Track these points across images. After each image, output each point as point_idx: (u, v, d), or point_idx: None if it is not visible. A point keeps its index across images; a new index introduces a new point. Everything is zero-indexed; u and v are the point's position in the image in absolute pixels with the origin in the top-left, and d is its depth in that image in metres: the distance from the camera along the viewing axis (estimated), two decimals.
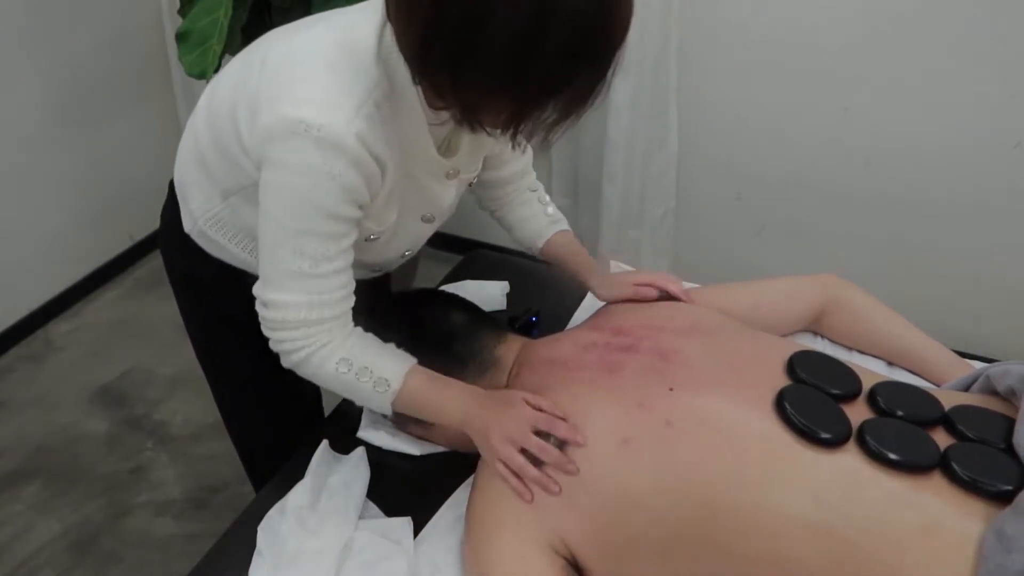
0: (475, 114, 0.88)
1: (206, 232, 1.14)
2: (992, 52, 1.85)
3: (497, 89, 0.84)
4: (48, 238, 2.48)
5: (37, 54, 2.30)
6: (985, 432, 0.96)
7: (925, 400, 1.02)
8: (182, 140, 1.19)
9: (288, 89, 0.93)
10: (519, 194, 1.34)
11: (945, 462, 0.92)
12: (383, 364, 1.06)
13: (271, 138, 0.92)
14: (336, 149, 0.91)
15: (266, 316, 1.02)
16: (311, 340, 1.01)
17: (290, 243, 0.96)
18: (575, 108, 0.86)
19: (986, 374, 1.09)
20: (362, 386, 1.05)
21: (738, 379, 1.03)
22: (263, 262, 1.01)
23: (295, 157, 0.92)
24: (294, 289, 0.98)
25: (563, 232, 1.35)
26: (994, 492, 0.89)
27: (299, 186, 0.93)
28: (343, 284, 1.02)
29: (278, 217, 0.96)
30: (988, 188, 1.99)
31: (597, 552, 0.99)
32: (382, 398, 1.06)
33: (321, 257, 0.97)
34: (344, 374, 1.04)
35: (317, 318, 1.00)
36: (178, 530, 1.90)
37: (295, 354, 1.02)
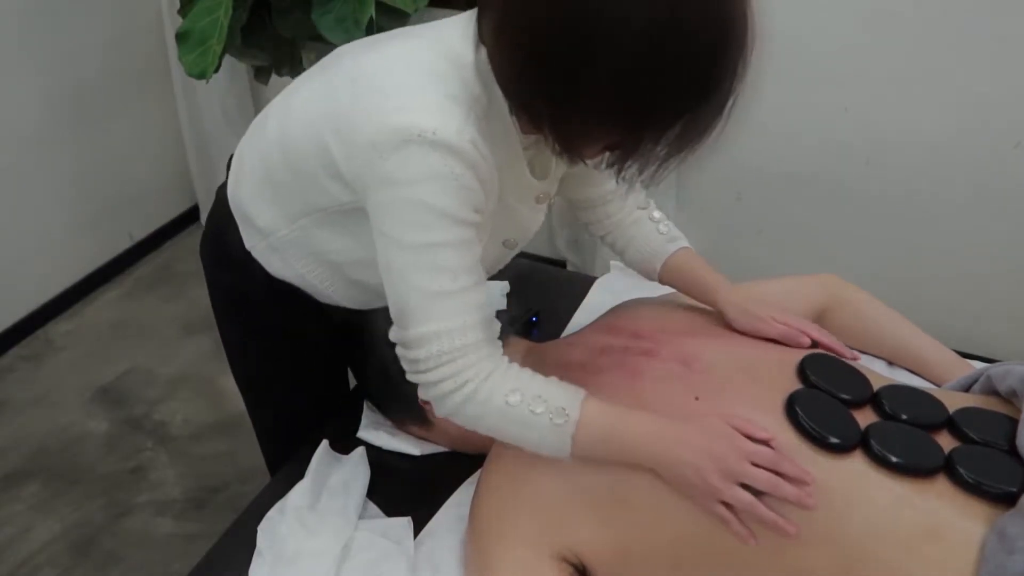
0: (576, 148, 0.84)
1: (277, 248, 1.08)
2: (992, 52, 1.85)
3: (603, 125, 0.80)
4: (48, 238, 2.48)
5: (37, 54, 2.30)
6: (989, 434, 0.96)
7: (930, 403, 1.02)
8: (240, 158, 1.12)
9: (391, 99, 0.87)
10: (626, 213, 1.22)
11: (950, 465, 0.92)
12: (554, 392, 0.93)
13: (381, 152, 0.85)
14: (453, 152, 0.85)
15: (416, 357, 0.91)
16: (473, 371, 0.90)
17: (424, 261, 0.88)
18: (689, 143, 0.81)
19: (987, 374, 1.09)
20: (537, 420, 0.91)
21: (754, 384, 1.03)
22: (397, 298, 0.91)
23: (412, 165, 0.85)
24: (440, 314, 0.89)
25: (682, 251, 1.22)
26: (998, 494, 0.89)
27: (422, 194, 0.86)
28: (484, 301, 0.93)
29: (405, 237, 0.88)
30: (988, 188, 1.99)
31: (612, 563, 0.98)
32: (560, 433, 0.91)
33: (460, 269, 0.89)
34: (515, 407, 0.91)
35: (473, 341, 0.90)
36: (178, 530, 1.90)
37: (457, 393, 0.91)
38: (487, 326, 0.93)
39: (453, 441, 1.24)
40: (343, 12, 1.83)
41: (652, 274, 1.23)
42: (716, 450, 0.90)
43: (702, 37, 0.75)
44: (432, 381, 0.91)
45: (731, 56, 0.78)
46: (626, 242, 1.23)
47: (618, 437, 0.93)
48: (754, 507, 0.88)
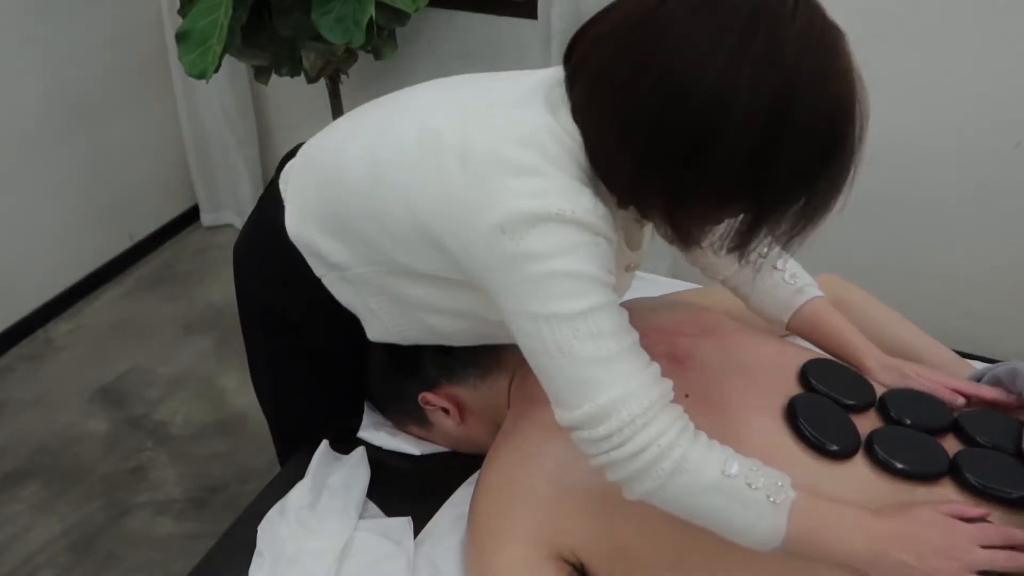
0: (692, 237, 0.82)
1: (350, 281, 1.05)
2: (992, 52, 1.85)
3: (721, 211, 0.78)
4: (48, 238, 2.48)
5: (37, 54, 2.30)
6: (995, 437, 0.96)
7: (935, 407, 1.01)
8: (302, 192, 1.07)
9: (517, 184, 0.83)
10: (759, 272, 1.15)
11: (955, 469, 0.91)
12: (763, 466, 0.85)
13: (513, 235, 0.81)
14: (588, 227, 0.82)
15: (606, 434, 0.82)
16: (673, 433, 0.82)
17: (583, 330, 0.82)
18: (808, 224, 0.80)
19: (992, 374, 1.08)
20: (754, 496, 0.82)
21: (752, 386, 1.02)
22: (559, 378, 0.85)
23: (551, 239, 0.81)
24: (614, 380, 0.82)
25: (810, 303, 1.14)
26: (1005, 498, 0.89)
27: (564, 265, 0.82)
28: (650, 359, 0.88)
29: (555, 310, 0.82)
30: (988, 188, 1.99)
31: (610, 563, 0.98)
32: (777, 514, 0.82)
33: (620, 329, 0.84)
34: (732, 479, 0.82)
35: (658, 397, 0.84)
36: (178, 530, 1.90)
37: (665, 461, 0.82)
38: (665, 384, 0.87)
39: (453, 442, 1.24)
40: (343, 12, 1.83)
41: (780, 325, 1.17)
42: (940, 542, 0.82)
43: (821, 111, 0.74)
44: (630, 454, 0.82)
45: (850, 126, 0.77)
46: (749, 290, 1.17)
47: (831, 527, 0.84)
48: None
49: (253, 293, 1.20)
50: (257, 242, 1.17)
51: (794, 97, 0.73)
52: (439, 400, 1.17)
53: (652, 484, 0.83)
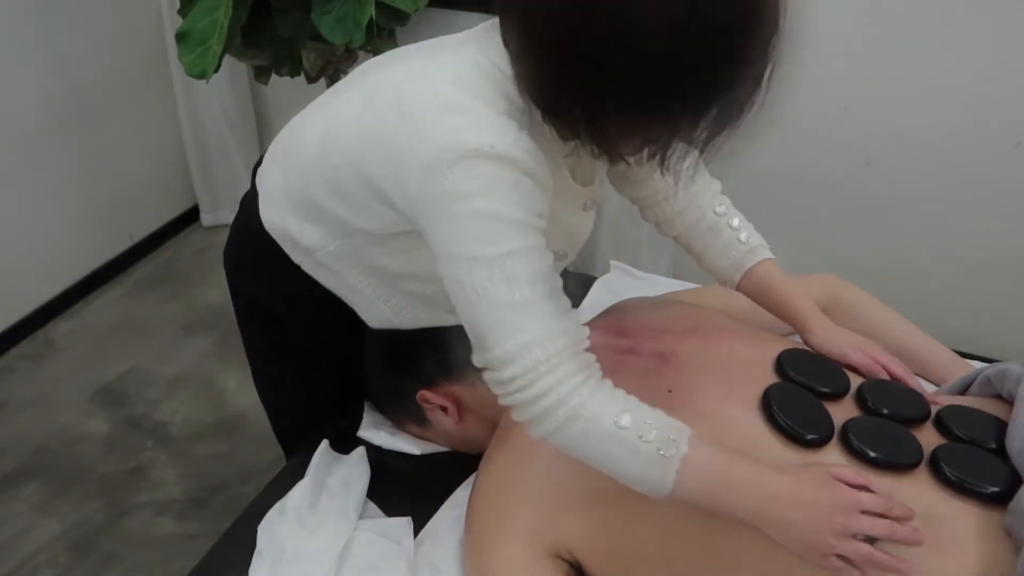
0: (614, 148, 0.83)
1: (324, 263, 1.07)
2: (992, 52, 1.85)
3: (638, 119, 0.79)
4: (48, 238, 2.48)
5: (37, 54, 2.30)
6: (975, 432, 0.97)
7: (911, 398, 1.02)
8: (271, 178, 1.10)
9: (442, 122, 0.85)
10: (701, 218, 1.17)
11: (934, 462, 0.92)
12: (663, 420, 0.88)
13: (436, 173, 0.84)
14: (512, 162, 0.84)
15: (510, 376, 0.85)
16: (574, 382, 0.85)
17: (499, 273, 0.84)
18: (727, 123, 0.80)
19: (984, 375, 1.09)
20: (645, 449, 0.85)
21: (729, 379, 1.03)
22: (475, 318, 0.87)
23: (473, 177, 0.83)
24: (525, 324, 0.84)
25: (762, 264, 1.16)
26: (981, 493, 0.89)
27: (486, 205, 0.84)
28: (568, 306, 0.89)
29: (475, 252, 0.84)
30: (988, 188, 1.99)
31: (604, 557, 0.99)
32: (665, 466, 0.86)
33: (536, 275, 0.86)
34: (626, 430, 0.85)
35: (565, 346, 0.85)
36: (178, 530, 1.90)
37: (561, 408, 0.85)
38: (576, 330, 0.88)
39: (452, 441, 1.24)
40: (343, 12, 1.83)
41: (731, 284, 1.18)
42: (825, 504, 0.85)
43: (725, 14, 0.75)
44: (531, 398, 0.85)
45: (759, 28, 0.78)
46: (702, 248, 1.18)
47: (722, 482, 0.87)
48: (872, 556, 0.85)
49: (242, 289, 1.22)
50: (240, 238, 1.19)
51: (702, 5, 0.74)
52: (438, 398, 1.17)
53: (549, 428, 0.86)
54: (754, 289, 1.16)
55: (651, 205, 1.19)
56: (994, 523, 0.88)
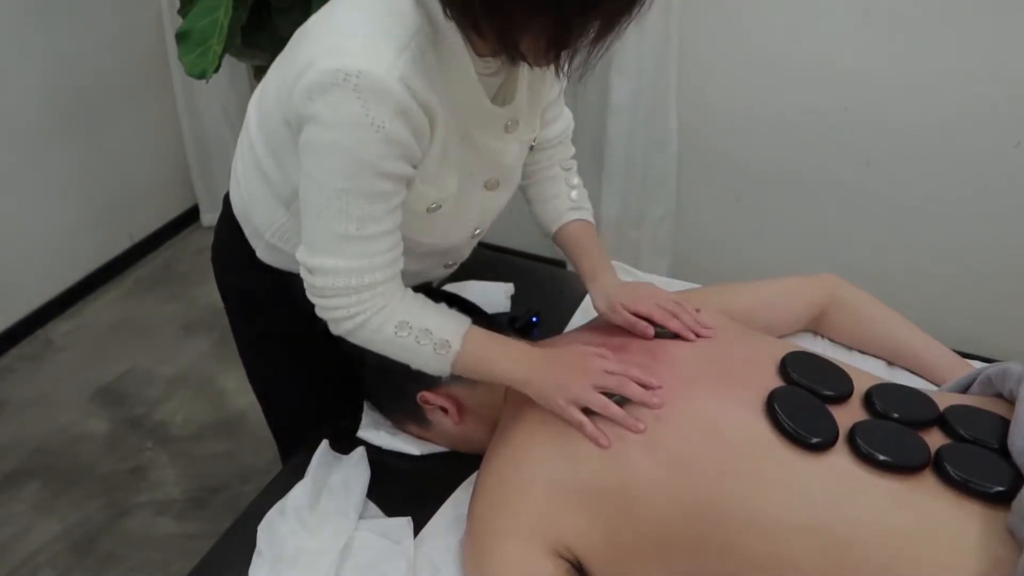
0: (514, 41, 0.84)
1: (275, 245, 1.12)
2: (992, 52, 1.85)
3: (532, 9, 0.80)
4: (48, 238, 2.48)
5: (37, 54, 2.30)
6: (979, 432, 0.96)
7: (921, 401, 1.02)
8: (236, 159, 1.15)
9: (325, 42, 0.89)
10: (548, 168, 1.25)
11: (938, 462, 0.92)
12: (442, 324, 1.02)
13: (311, 95, 0.87)
14: (378, 96, 0.86)
15: (313, 283, 0.98)
16: (365, 306, 0.98)
17: (334, 204, 0.92)
18: (616, 20, 0.82)
19: (985, 374, 1.09)
20: (422, 349, 1.01)
21: (729, 379, 1.03)
22: (307, 226, 0.96)
23: (335, 110, 0.87)
24: (341, 253, 0.94)
25: (581, 222, 1.25)
26: (985, 493, 0.89)
27: (341, 141, 0.88)
28: (392, 246, 0.98)
29: (320, 177, 0.92)
30: (988, 188, 1.99)
31: (602, 553, 0.99)
32: (441, 360, 1.02)
33: (368, 218, 0.93)
34: (403, 338, 1.00)
35: (369, 282, 0.96)
36: (178, 530, 1.90)
37: (347, 321, 0.99)
38: (388, 268, 0.98)
39: (452, 441, 1.24)
40: None
41: (548, 234, 1.27)
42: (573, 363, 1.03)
43: None
44: (326, 307, 0.99)
45: None
46: (536, 193, 1.26)
47: (491, 364, 1.05)
48: (608, 407, 0.99)
49: (228, 282, 1.26)
50: (223, 232, 1.22)
51: None
52: (437, 399, 1.17)
53: (340, 331, 1.01)
54: (565, 243, 1.25)
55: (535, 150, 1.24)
56: (998, 523, 0.88)
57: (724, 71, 2.12)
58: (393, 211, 0.96)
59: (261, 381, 1.33)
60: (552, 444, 1.02)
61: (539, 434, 1.04)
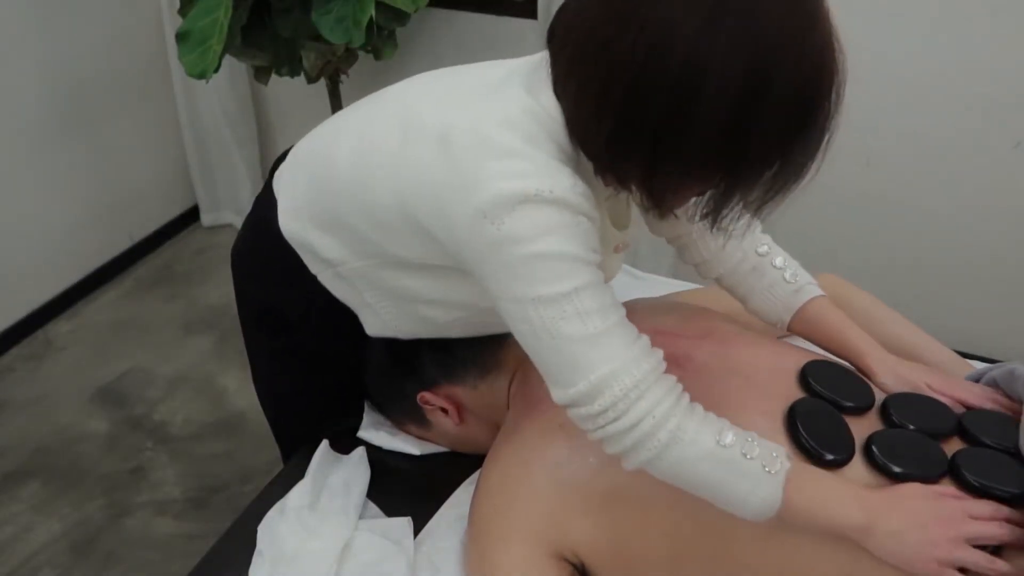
0: (667, 204, 0.82)
1: (345, 277, 1.07)
2: (992, 52, 1.85)
3: (697, 179, 0.78)
4: (48, 238, 2.48)
5: (37, 54, 2.30)
6: (996, 436, 0.96)
7: (939, 411, 1.00)
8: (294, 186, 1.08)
9: (495, 167, 0.83)
10: (742, 259, 1.14)
11: (954, 469, 0.91)
12: (756, 437, 0.87)
13: (494, 219, 0.81)
14: (569, 206, 0.82)
15: (600, 410, 0.84)
16: (664, 402, 0.84)
17: (568, 310, 0.83)
18: (785, 186, 0.79)
19: (990, 376, 1.08)
20: (751, 467, 0.84)
21: (750, 388, 1.02)
22: (550, 359, 0.86)
23: (532, 221, 0.81)
24: (604, 356, 0.83)
25: (815, 300, 1.12)
26: (1005, 496, 0.89)
27: (547, 246, 0.82)
28: (638, 333, 0.88)
29: (540, 293, 0.83)
30: (988, 188, 1.99)
31: (610, 561, 0.98)
32: (772, 482, 0.84)
33: (605, 307, 0.85)
34: (727, 448, 0.84)
35: (649, 369, 0.85)
36: (178, 530, 1.90)
37: (661, 431, 0.83)
38: (655, 356, 0.87)
39: (452, 442, 1.24)
40: (343, 12, 1.83)
41: (781, 325, 1.15)
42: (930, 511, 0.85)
43: (795, 78, 0.74)
44: (626, 427, 0.84)
45: (826, 93, 0.77)
46: (747, 291, 1.15)
47: (827, 495, 0.86)
48: (995, 564, 0.83)
49: (251, 294, 1.21)
50: (253, 242, 1.17)
51: (770, 65, 0.72)
52: (438, 400, 1.17)
53: (649, 455, 0.84)
54: (807, 329, 1.12)
55: (688, 245, 1.17)
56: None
57: None
58: (617, 301, 0.88)
59: (270, 389, 1.32)
60: (563, 447, 1.00)
61: (549, 436, 1.02)
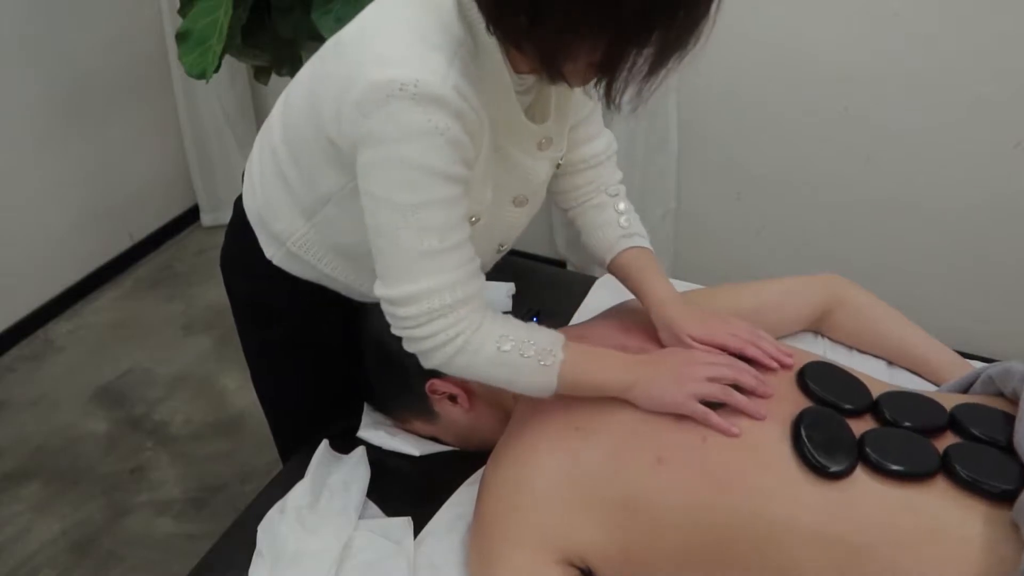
0: (558, 61, 0.82)
1: (297, 254, 1.10)
2: (992, 52, 1.85)
3: (582, 27, 0.78)
4: (48, 238, 2.48)
5: (37, 54, 2.30)
6: (988, 430, 0.96)
7: (930, 408, 1.01)
8: (253, 164, 1.13)
9: (371, 55, 0.86)
10: (593, 195, 1.21)
11: (946, 463, 0.92)
12: (538, 336, 0.98)
13: (366, 111, 0.85)
14: (436, 103, 0.84)
15: (404, 314, 0.92)
16: (463, 325, 0.93)
17: (412, 220, 0.88)
18: (671, 52, 0.79)
19: (987, 374, 1.08)
20: (526, 363, 0.96)
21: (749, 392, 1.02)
22: (383, 255, 0.92)
23: (396, 122, 0.84)
24: (428, 272, 0.90)
25: (635, 249, 1.18)
26: (995, 492, 0.89)
27: (408, 153, 0.85)
28: (473, 254, 0.94)
29: (391, 197, 0.88)
30: (988, 188, 1.99)
31: (616, 564, 0.98)
32: (548, 372, 0.97)
33: (447, 227, 0.90)
34: (507, 352, 0.95)
35: (463, 297, 0.92)
36: (178, 530, 1.90)
37: (448, 346, 0.93)
38: (476, 279, 0.95)
39: (461, 433, 1.23)
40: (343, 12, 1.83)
41: (603, 264, 1.21)
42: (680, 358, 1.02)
43: None
44: (421, 336, 0.93)
45: None
46: (585, 223, 1.22)
47: (595, 372, 1.01)
48: (730, 394, 0.97)
49: (238, 288, 1.23)
50: (233, 236, 1.20)
51: None
52: (447, 386, 1.16)
53: (437, 361, 0.95)
54: (620, 273, 1.19)
55: (570, 173, 1.20)
56: (1003, 521, 0.88)
57: (724, 71, 2.12)
58: (466, 217, 0.93)
59: (268, 386, 1.32)
60: (570, 451, 1.00)
61: (556, 439, 1.02)
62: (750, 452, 0.95)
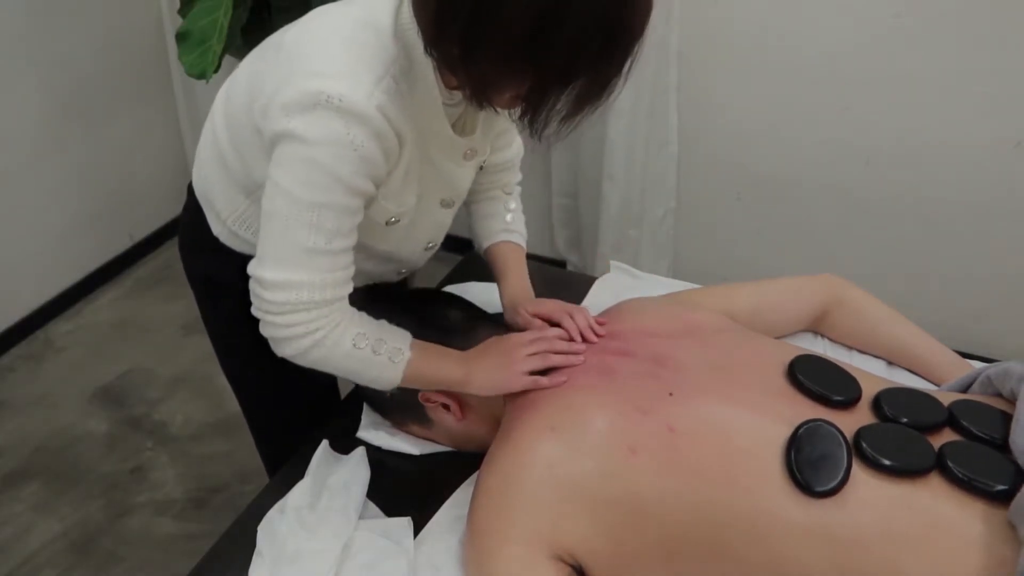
0: (486, 91, 0.89)
1: (236, 232, 1.14)
2: (992, 52, 1.85)
3: (509, 67, 0.84)
4: (48, 238, 2.48)
5: (37, 54, 2.30)
6: (986, 428, 0.96)
7: (929, 405, 1.01)
8: (200, 144, 1.18)
9: (306, 64, 0.93)
10: (490, 188, 1.32)
11: (941, 461, 0.92)
12: (391, 334, 1.06)
13: (290, 112, 0.91)
14: (358, 119, 0.91)
15: (269, 298, 0.98)
16: (324, 321, 0.99)
17: (305, 217, 0.94)
18: (589, 101, 0.87)
19: (985, 374, 1.08)
20: (378, 360, 1.04)
21: (737, 383, 1.03)
22: (268, 239, 0.97)
23: (317, 127, 0.91)
24: (305, 267, 0.96)
25: (510, 244, 1.31)
26: (989, 492, 0.89)
27: (320, 157, 0.92)
28: (351, 263, 1.01)
29: (294, 191, 0.93)
30: (988, 188, 1.99)
31: (606, 560, 0.98)
32: (395, 369, 1.05)
33: (336, 232, 0.96)
34: (361, 350, 1.02)
35: (330, 297, 0.98)
36: (178, 530, 1.90)
37: (305, 338, 0.99)
38: (346, 285, 1.01)
39: (454, 439, 1.24)
40: None
41: (480, 248, 1.34)
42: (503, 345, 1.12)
43: None
44: (280, 324, 0.98)
45: (630, 17, 0.83)
46: (476, 211, 1.33)
47: (435, 367, 1.10)
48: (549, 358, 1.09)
49: (193, 266, 1.27)
50: (186, 215, 1.24)
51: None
52: (439, 396, 1.17)
53: (290, 352, 1.01)
54: (492, 259, 1.31)
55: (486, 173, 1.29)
56: (1000, 521, 0.88)
57: (724, 71, 2.12)
58: (355, 229, 0.99)
59: (236, 376, 1.36)
60: (560, 448, 1.01)
61: (546, 437, 1.03)
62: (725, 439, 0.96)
